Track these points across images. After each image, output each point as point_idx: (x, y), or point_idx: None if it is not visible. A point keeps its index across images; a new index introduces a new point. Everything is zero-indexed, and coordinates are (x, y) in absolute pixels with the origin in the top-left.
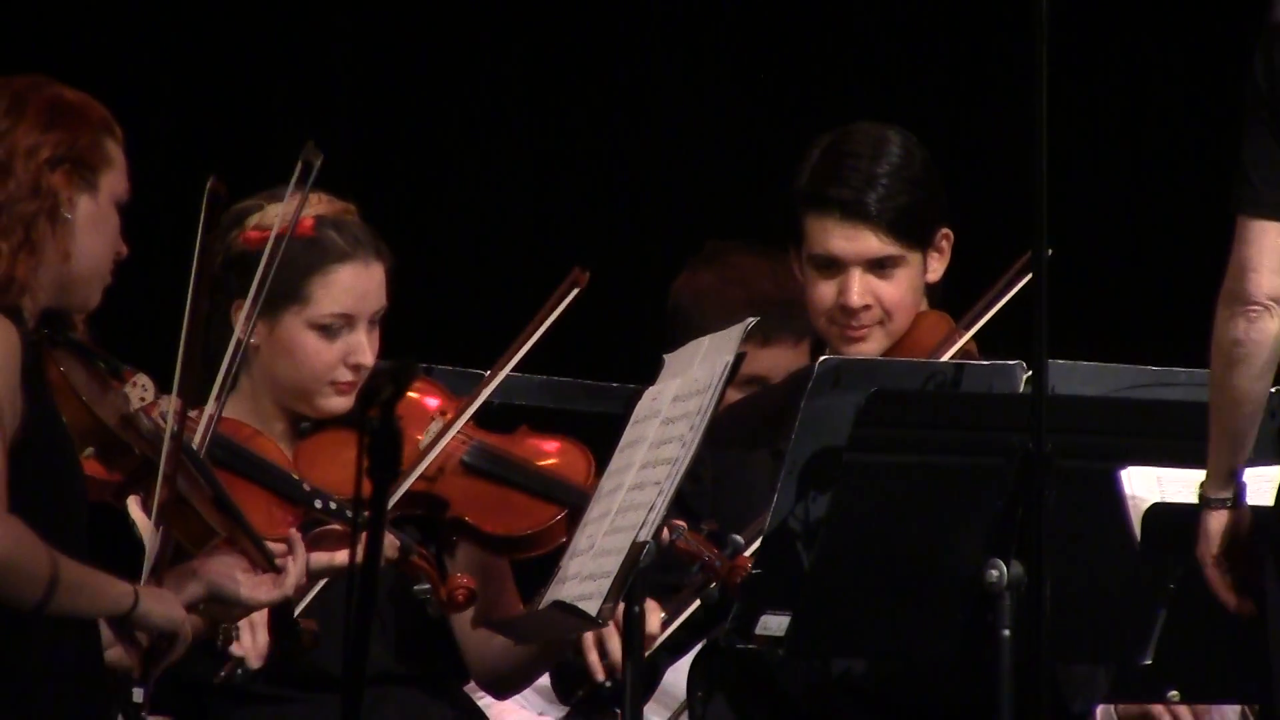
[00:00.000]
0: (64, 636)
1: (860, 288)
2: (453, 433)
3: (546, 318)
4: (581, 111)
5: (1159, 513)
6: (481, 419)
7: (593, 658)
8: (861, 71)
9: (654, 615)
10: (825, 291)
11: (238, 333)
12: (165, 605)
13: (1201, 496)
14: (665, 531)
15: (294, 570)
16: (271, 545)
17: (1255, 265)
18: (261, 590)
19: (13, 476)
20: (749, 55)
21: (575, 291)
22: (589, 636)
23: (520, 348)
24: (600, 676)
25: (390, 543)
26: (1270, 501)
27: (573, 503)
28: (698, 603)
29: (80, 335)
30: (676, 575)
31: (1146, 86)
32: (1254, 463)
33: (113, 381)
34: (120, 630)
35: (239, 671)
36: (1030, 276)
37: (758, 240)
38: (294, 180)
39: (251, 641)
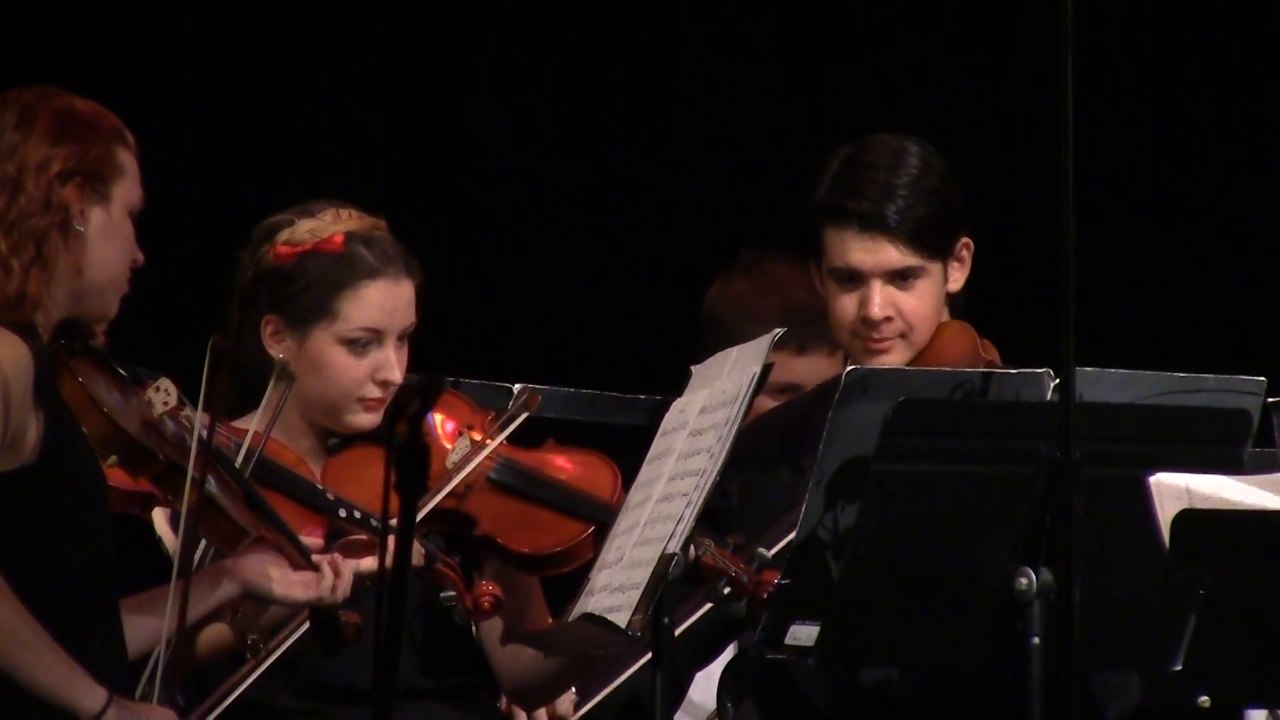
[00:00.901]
0: (91, 643)
1: (881, 299)
2: (485, 454)
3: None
4: (611, 123)
5: (1188, 519)
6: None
7: None
8: (886, 80)
9: (566, 700)
10: (847, 304)
11: (274, 353)
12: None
13: None
14: (691, 547)
15: (331, 577)
16: (307, 541)
17: None
18: (297, 588)
19: (12, 505)
20: (779, 67)
21: (524, 415)
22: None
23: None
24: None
25: (415, 550)
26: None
27: (599, 519)
28: (708, 606)
29: (99, 343)
30: (703, 589)
31: (1172, 89)
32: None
33: (134, 388)
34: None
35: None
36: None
37: (792, 250)
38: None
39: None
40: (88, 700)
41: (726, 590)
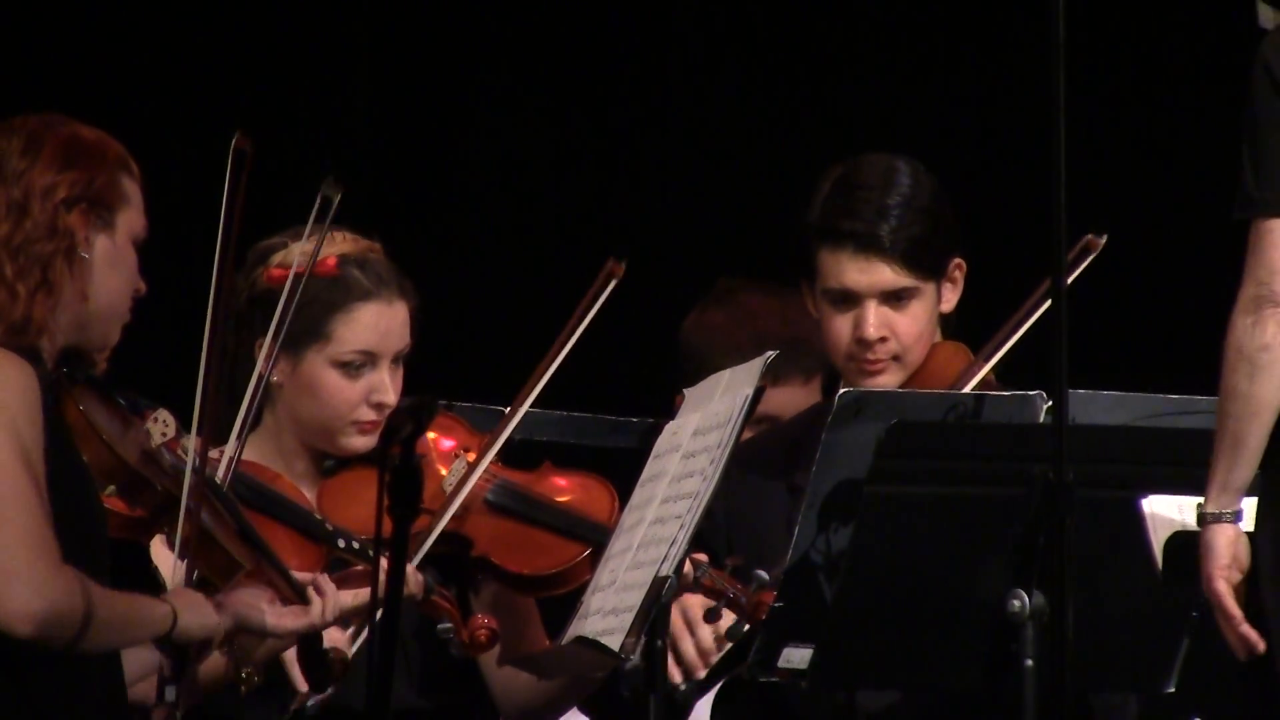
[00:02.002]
0: (89, 671)
1: (876, 320)
2: (480, 470)
3: (584, 315)
4: (603, 146)
5: (1180, 541)
6: (504, 455)
7: (686, 645)
8: (874, 99)
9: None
10: (841, 326)
11: (259, 369)
12: (200, 614)
13: (1204, 514)
14: (689, 567)
15: (319, 601)
16: (298, 576)
17: None
18: (288, 619)
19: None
20: (761, 98)
21: (612, 284)
22: (678, 619)
23: (565, 343)
24: (677, 679)
25: (415, 580)
26: None
27: (596, 540)
28: (729, 646)
29: (100, 373)
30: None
31: (1165, 109)
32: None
33: (133, 418)
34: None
35: (310, 703)
36: (1049, 303)
37: (771, 277)
38: (313, 215)
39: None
40: (165, 624)
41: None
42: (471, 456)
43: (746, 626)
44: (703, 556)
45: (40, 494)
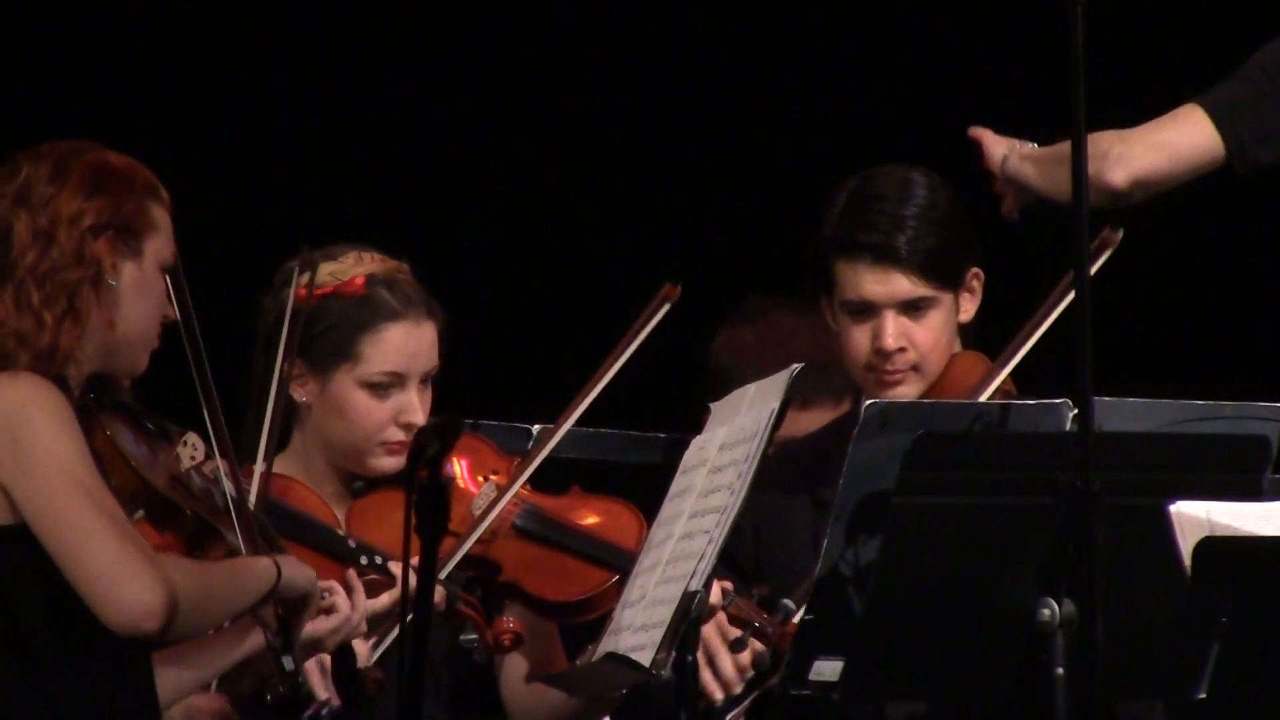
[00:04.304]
0: (122, 688)
1: (894, 330)
2: (509, 496)
3: (637, 335)
4: (627, 167)
5: (1209, 546)
6: (532, 476)
7: (705, 675)
8: (892, 110)
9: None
10: (859, 337)
11: (275, 383)
12: (298, 567)
13: None
14: (718, 594)
15: (346, 606)
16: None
17: None
18: (320, 627)
19: (41, 555)
20: (786, 114)
21: (667, 307)
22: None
23: (614, 363)
24: (716, 695)
25: (439, 591)
26: None
27: (624, 567)
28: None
29: (127, 397)
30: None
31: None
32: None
33: (162, 443)
34: (254, 611)
35: (324, 712)
36: (1069, 302)
37: (800, 297)
38: (294, 279)
39: (323, 681)
40: (269, 576)
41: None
42: (500, 479)
43: (769, 655)
44: (729, 584)
45: (111, 498)
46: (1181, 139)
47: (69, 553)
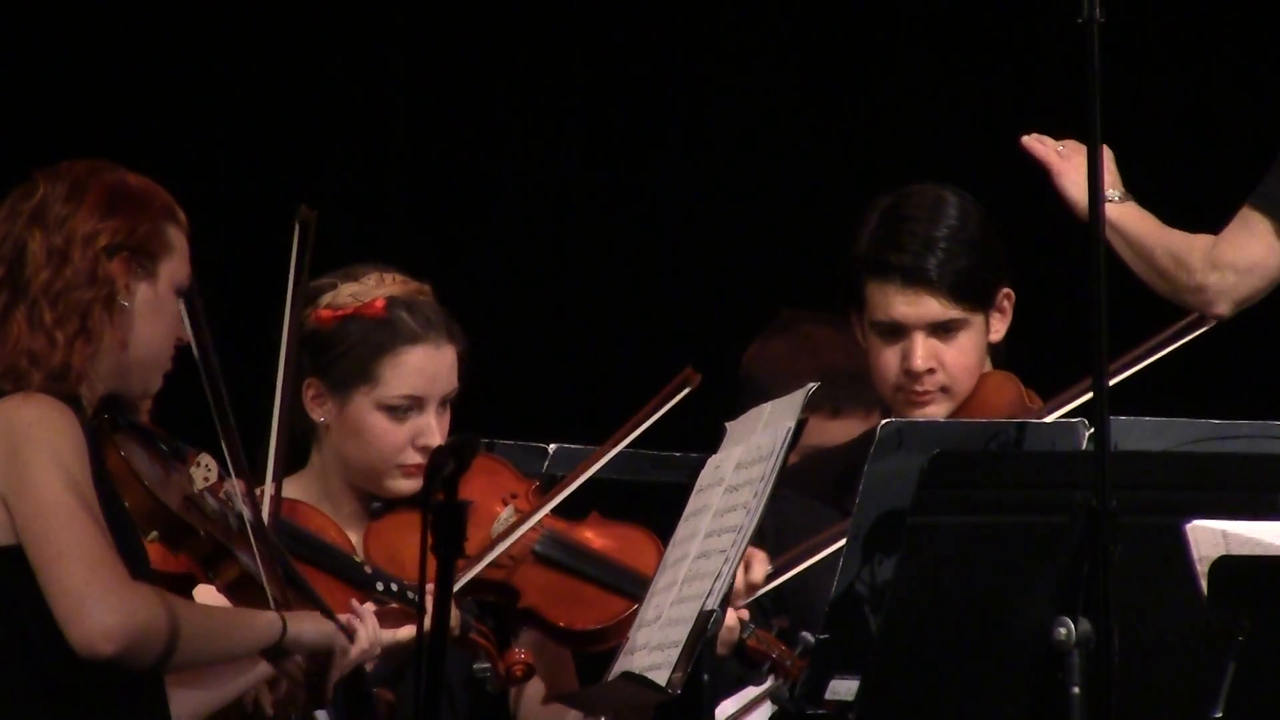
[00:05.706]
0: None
1: (924, 351)
2: (529, 524)
3: (652, 414)
4: (646, 180)
5: (1225, 566)
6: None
7: None
8: (924, 130)
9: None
10: (889, 358)
11: (277, 403)
12: (311, 621)
13: None
14: (738, 628)
15: (364, 634)
16: (340, 617)
17: None
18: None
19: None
20: (816, 128)
21: (685, 390)
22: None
23: (623, 439)
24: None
25: (453, 617)
26: None
27: (642, 595)
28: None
29: (141, 419)
30: (747, 667)
31: (1202, 132)
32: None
33: (175, 463)
34: (277, 664)
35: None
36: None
37: (830, 309)
38: (295, 244)
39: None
40: (274, 630)
41: (769, 672)
42: (520, 503)
43: (788, 688)
44: (745, 613)
45: (97, 521)
46: (1270, 256)
47: (44, 571)
